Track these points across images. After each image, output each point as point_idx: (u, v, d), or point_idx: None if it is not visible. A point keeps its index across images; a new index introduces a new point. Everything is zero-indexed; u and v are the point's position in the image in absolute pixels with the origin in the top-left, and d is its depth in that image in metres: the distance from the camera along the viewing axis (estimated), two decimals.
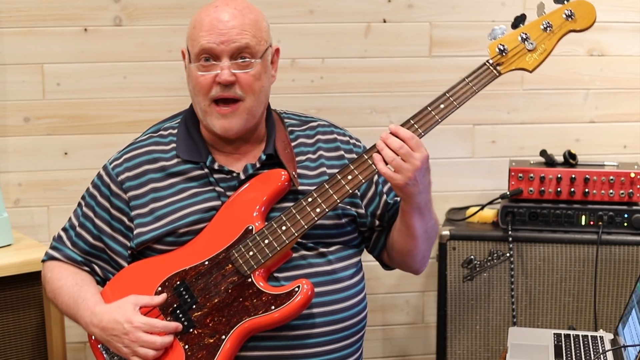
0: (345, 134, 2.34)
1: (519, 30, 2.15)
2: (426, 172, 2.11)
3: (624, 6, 3.13)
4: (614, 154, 3.16)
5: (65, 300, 2.22)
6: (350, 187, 2.11)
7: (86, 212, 2.27)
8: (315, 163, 2.26)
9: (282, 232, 2.11)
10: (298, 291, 2.07)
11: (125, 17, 2.90)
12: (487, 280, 2.86)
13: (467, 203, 3.08)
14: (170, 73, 2.95)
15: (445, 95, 2.13)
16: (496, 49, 2.13)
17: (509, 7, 3.09)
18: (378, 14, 3.04)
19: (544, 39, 2.14)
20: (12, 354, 2.47)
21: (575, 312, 2.82)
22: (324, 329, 2.16)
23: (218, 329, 2.09)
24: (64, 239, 2.30)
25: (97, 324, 2.13)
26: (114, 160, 2.27)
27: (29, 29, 2.86)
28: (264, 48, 2.18)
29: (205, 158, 2.22)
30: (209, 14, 2.16)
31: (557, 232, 2.83)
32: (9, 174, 2.91)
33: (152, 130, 2.33)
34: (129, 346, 2.09)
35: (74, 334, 2.94)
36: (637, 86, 3.18)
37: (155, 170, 2.23)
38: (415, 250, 2.26)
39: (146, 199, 2.21)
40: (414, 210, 2.16)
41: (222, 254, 2.13)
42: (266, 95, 2.23)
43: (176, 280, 2.15)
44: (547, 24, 2.14)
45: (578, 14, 2.14)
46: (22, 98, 2.89)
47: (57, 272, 2.26)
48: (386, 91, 3.09)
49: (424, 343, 3.22)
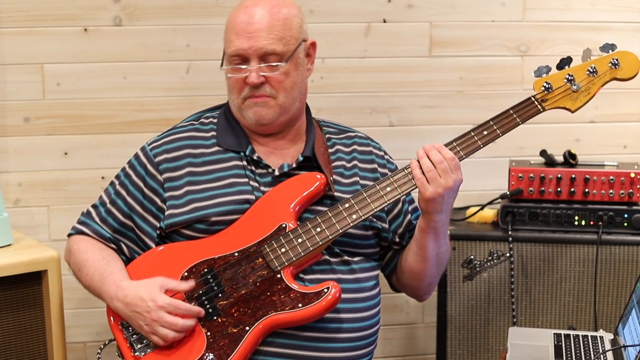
0: (381, 149, 2.41)
1: (565, 71, 2.25)
2: (453, 195, 2.16)
3: (624, 6, 3.13)
4: (614, 154, 3.16)
5: (91, 272, 2.24)
6: (389, 199, 2.16)
7: (119, 190, 2.30)
8: (349, 172, 2.31)
9: (316, 234, 2.15)
10: (327, 292, 2.11)
11: (125, 17, 2.90)
12: (487, 280, 2.86)
13: (467, 203, 3.08)
14: (170, 73, 2.95)
15: (489, 122, 2.23)
16: (542, 86, 2.23)
17: (509, 7, 3.09)
18: (378, 14, 3.04)
19: (588, 82, 2.24)
20: (12, 354, 2.47)
21: (575, 312, 2.82)
22: (347, 335, 2.19)
23: (243, 319, 2.11)
24: (92, 214, 2.32)
25: (122, 298, 2.15)
26: (152, 142, 2.31)
27: (29, 29, 2.86)
28: (293, 47, 2.22)
29: (245, 147, 2.26)
30: (239, 15, 2.21)
31: (557, 232, 2.83)
32: (9, 174, 2.91)
33: (193, 118, 2.37)
34: (150, 324, 2.11)
35: (74, 334, 2.94)
36: (637, 86, 3.17)
37: (195, 155, 2.26)
38: (424, 273, 2.29)
39: (182, 181, 2.24)
40: (429, 229, 2.20)
41: (253, 247, 2.17)
42: (300, 90, 2.26)
43: (204, 267, 2.17)
44: (593, 69, 2.24)
45: (623, 64, 2.25)
46: (22, 98, 2.89)
47: (84, 245, 2.29)
48: (386, 91, 3.09)
49: (424, 343, 3.22)
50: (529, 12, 3.12)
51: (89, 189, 2.90)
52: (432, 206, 2.14)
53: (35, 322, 2.50)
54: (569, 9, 3.12)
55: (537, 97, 2.24)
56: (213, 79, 2.95)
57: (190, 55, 2.95)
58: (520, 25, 3.11)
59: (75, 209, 2.39)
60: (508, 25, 3.11)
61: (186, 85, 2.96)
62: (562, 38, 3.14)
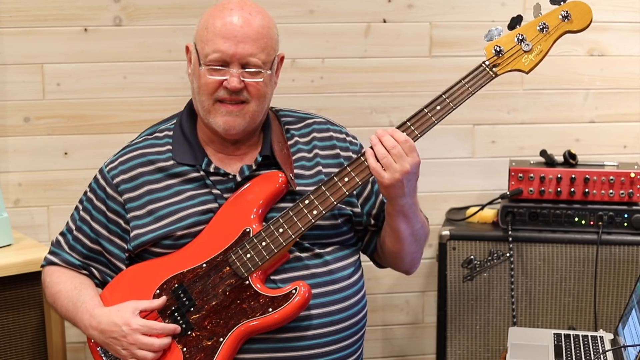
0: (342, 131, 2.34)
1: (516, 31, 2.14)
2: (413, 177, 2.10)
3: (623, 6, 3.13)
4: (614, 154, 3.16)
5: (65, 304, 2.22)
6: (347, 189, 2.11)
7: (83, 216, 2.27)
8: (311, 162, 2.26)
9: (279, 235, 2.11)
10: (295, 293, 2.08)
11: (125, 17, 2.90)
12: (487, 280, 2.86)
13: (467, 203, 3.08)
14: (170, 73, 2.95)
15: (442, 96, 2.12)
16: (492, 50, 2.13)
17: (509, 7, 3.09)
18: (378, 14, 3.04)
19: (540, 40, 2.14)
20: (12, 354, 2.47)
21: (575, 312, 2.82)
22: (322, 330, 2.16)
23: (216, 331, 2.09)
24: (61, 243, 2.30)
25: (96, 326, 2.13)
26: (109, 164, 2.27)
27: (29, 29, 2.86)
28: (272, 58, 2.18)
29: (200, 161, 2.21)
30: (223, 17, 2.14)
31: (557, 232, 2.83)
32: (9, 174, 2.91)
33: (148, 132, 2.32)
34: (128, 348, 2.10)
35: (74, 334, 2.93)
36: (637, 86, 3.18)
37: (151, 172, 2.23)
38: (402, 252, 2.26)
39: (142, 200, 2.21)
40: (397, 213, 2.16)
41: (219, 257, 2.14)
42: (268, 102, 2.23)
43: (174, 282, 2.15)
44: (544, 24, 2.13)
45: (574, 15, 2.14)
46: (22, 98, 2.89)
47: (56, 277, 2.27)
48: (386, 91, 3.09)
49: (424, 343, 3.22)
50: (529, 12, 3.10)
51: None
52: (393, 192, 2.09)
53: (35, 322, 2.50)
54: None
55: (488, 63, 2.14)
56: None
57: None
58: None
59: None
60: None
61: (186, 85, 2.93)
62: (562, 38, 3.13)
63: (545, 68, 3.09)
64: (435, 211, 3.07)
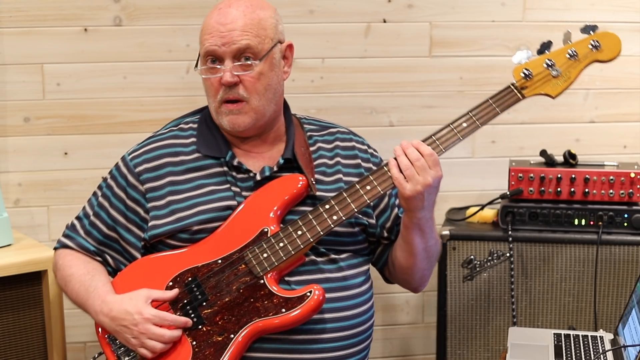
0: (364, 143, 2.38)
1: (545, 56, 2.19)
2: (434, 191, 2.14)
3: (624, 6, 3.13)
4: (614, 154, 3.16)
5: (76, 288, 2.23)
6: (369, 198, 2.14)
7: (102, 202, 2.29)
8: (332, 169, 2.29)
9: (297, 237, 2.13)
10: (310, 296, 2.09)
11: (125, 17, 2.90)
12: (487, 280, 2.86)
13: (467, 203, 3.08)
14: (170, 73, 2.95)
15: (469, 114, 2.17)
16: (521, 73, 2.18)
17: (509, 7, 3.09)
18: (378, 14, 3.04)
19: (569, 66, 2.18)
20: (12, 354, 2.47)
21: (575, 312, 2.82)
22: (332, 335, 2.17)
23: (227, 327, 2.10)
24: (77, 227, 2.31)
25: (107, 313, 2.14)
26: (132, 152, 2.29)
27: (29, 29, 2.86)
28: (268, 47, 2.19)
29: (225, 153, 2.24)
30: (212, 16, 2.19)
31: (557, 232, 2.83)
32: (9, 174, 2.91)
33: (172, 124, 2.35)
34: (137, 337, 2.10)
35: (74, 334, 2.94)
36: (637, 86, 3.18)
37: (175, 163, 2.25)
38: (414, 268, 2.28)
39: (163, 191, 2.23)
40: (414, 226, 2.19)
41: (235, 254, 2.15)
42: (275, 93, 2.24)
43: (188, 276, 2.16)
44: (573, 52, 2.18)
45: (604, 45, 2.19)
46: (22, 98, 2.89)
47: (68, 260, 2.28)
48: (386, 91, 3.09)
49: (424, 343, 3.22)
50: (529, 12, 3.12)
51: (89, 189, 2.88)
52: (413, 204, 2.12)
53: (35, 322, 2.50)
54: (569, 9, 3.12)
55: (516, 85, 2.19)
56: None
57: (190, 55, 2.95)
58: (520, 25, 3.11)
59: (75, 209, 2.39)
60: (508, 25, 3.11)
61: (186, 85, 2.96)
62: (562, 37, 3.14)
63: None
64: (435, 211, 3.06)
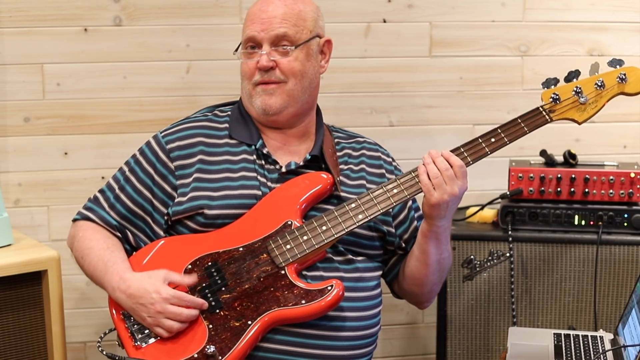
0: (389, 156, 2.43)
1: (574, 83, 2.28)
2: (457, 202, 2.20)
3: (623, 6, 3.13)
4: (614, 154, 3.16)
5: (94, 262, 2.23)
6: (395, 200, 2.19)
7: (129, 177, 2.30)
8: (356, 174, 2.33)
9: (321, 232, 2.16)
10: (330, 290, 2.12)
11: (125, 17, 2.90)
12: (487, 280, 2.86)
13: (467, 203, 3.07)
14: (170, 73, 2.95)
15: (497, 130, 2.25)
16: (550, 97, 2.27)
17: (509, 7, 3.09)
18: (378, 14, 3.04)
19: (595, 95, 2.27)
20: (12, 354, 2.47)
21: (575, 312, 2.82)
22: (345, 334, 2.19)
23: (245, 314, 2.12)
24: (100, 200, 2.32)
25: (125, 290, 2.14)
26: (165, 130, 2.32)
27: (29, 29, 2.86)
28: (306, 37, 2.25)
29: (256, 141, 2.28)
30: (256, 4, 2.28)
31: (557, 232, 2.83)
32: (9, 174, 2.91)
33: (207, 110, 2.40)
34: (154, 316, 2.11)
35: (74, 334, 2.94)
36: None
37: (208, 144, 2.28)
38: (426, 279, 2.31)
39: (192, 169, 2.25)
40: (432, 234, 2.22)
41: (258, 243, 2.18)
42: (311, 82, 2.30)
43: (208, 260, 2.18)
44: (601, 82, 2.27)
45: (630, 79, 2.27)
46: (22, 98, 2.89)
47: (89, 233, 2.28)
48: (386, 91, 3.09)
49: (424, 343, 3.22)
50: (529, 12, 3.12)
51: (89, 189, 2.90)
52: (436, 212, 2.17)
53: (35, 322, 2.50)
54: (569, 9, 3.12)
55: (545, 107, 2.27)
56: (213, 79, 2.96)
57: (190, 55, 2.95)
58: (520, 25, 3.11)
59: (75, 209, 2.39)
60: (508, 25, 3.11)
61: (186, 85, 2.96)
62: (562, 38, 3.14)
63: (546, 68, 3.11)
64: None
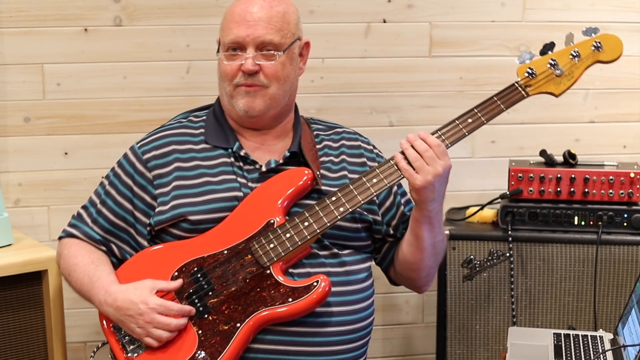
0: (370, 144, 2.40)
1: (548, 56, 2.25)
2: (444, 181, 2.16)
3: (624, 6, 3.13)
4: (614, 154, 3.16)
5: (80, 277, 2.24)
6: (375, 190, 2.16)
7: (109, 190, 2.30)
8: (337, 166, 2.31)
9: (304, 228, 2.15)
10: (317, 286, 2.11)
11: (125, 17, 2.90)
12: (487, 280, 2.86)
13: (467, 203, 3.08)
14: (170, 73, 2.95)
15: (474, 110, 2.20)
16: (525, 71, 2.23)
17: (509, 7, 3.09)
18: (378, 14, 3.04)
19: (571, 66, 2.25)
20: (12, 354, 2.47)
21: (575, 312, 2.82)
22: (334, 329, 2.18)
23: (233, 316, 2.12)
24: (83, 216, 2.32)
25: (112, 303, 2.14)
26: (141, 141, 2.32)
27: (29, 29, 2.86)
28: (289, 41, 2.24)
29: (232, 144, 2.27)
30: (239, 5, 2.25)
31: (557, 232, 2.83)
32: (9, 174, 2.91)
33: (182, 116, 2.39)
34: (143, 327, 2.11)
35: (74, 334, 2.94)
36: (637, 86, 3.18)
37: (183, 151, 2.28)
38: (421, 263, 2.29)
39: (170, 177, 2.25)
40: (424, 219, 2.20)
41: (242, 244, 2.17)
42: (291, 85, 2.28)
43: (193, 266, 2.17)
44: (576, 52, 2.24)
45: (606, 47, 2.24)
46: (22, 98, 2.89)
47: (74, 250, 2.29)
48: (386, 91, 3.09)
49: (424, 343, 3.22)
50: (529, 12, 3.12)
51: (89, 189, 2.88)
52: (424, 195, 2.14)
53: (35, 322, 2.50)
54: (569, 9, 3.12)
55: (520, 83, 2.23)
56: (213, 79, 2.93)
57: (190, 55, 2.95)
58: (520, 25, 3.11)
59: (75, 209, 2.39)
60: (508, 25, 3.11)
61: (186, 85, 2.96)
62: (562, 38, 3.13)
63: None
64: None
